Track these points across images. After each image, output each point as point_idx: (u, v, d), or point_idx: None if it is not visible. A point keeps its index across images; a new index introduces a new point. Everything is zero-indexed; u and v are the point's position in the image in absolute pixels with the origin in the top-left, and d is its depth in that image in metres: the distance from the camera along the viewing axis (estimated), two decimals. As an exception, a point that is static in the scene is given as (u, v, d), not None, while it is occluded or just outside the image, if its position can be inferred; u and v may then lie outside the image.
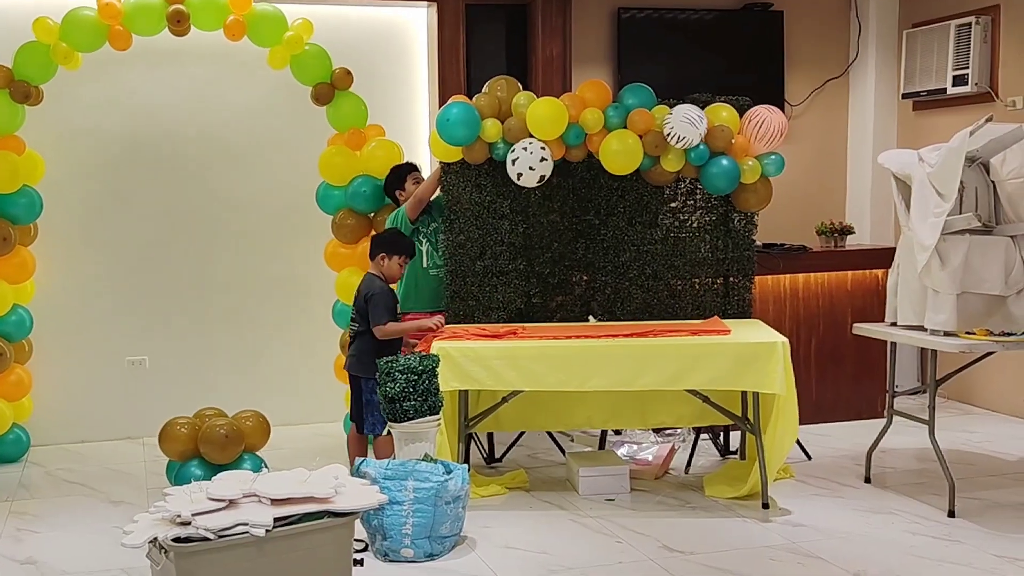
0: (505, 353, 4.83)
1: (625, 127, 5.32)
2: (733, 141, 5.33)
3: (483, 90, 5.44)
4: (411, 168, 5.72)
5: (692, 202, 5.72)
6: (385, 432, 4.98)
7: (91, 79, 6.08)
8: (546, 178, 5.30)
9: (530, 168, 5.22)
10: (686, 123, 5.17)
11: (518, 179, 5.27)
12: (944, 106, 7.00)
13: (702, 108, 5.49)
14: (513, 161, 5.24)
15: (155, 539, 3.47)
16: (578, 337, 4.96)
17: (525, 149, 5.22)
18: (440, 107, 6.28)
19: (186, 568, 3.43)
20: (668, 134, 5.22)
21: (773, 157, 5.46)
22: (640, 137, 5.28)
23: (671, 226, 5.72)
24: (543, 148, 5.23)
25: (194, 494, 3.64)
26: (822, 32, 7.48)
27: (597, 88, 5.40)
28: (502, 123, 5.31)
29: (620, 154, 5.28)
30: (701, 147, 5.29)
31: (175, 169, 6.37)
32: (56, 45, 5.51)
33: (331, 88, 5.84)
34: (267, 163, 6.48)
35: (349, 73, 5.85)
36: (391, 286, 5.23)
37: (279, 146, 6.48)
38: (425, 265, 5.49)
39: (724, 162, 5.34)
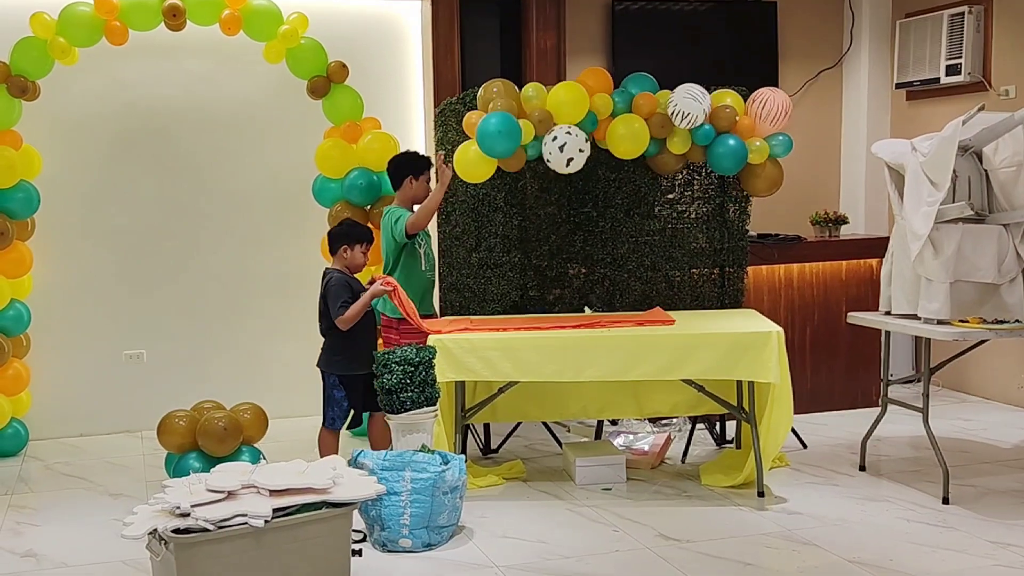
0: (501, 344, 4.85)
1: (630, 112, 5.27)
2: (738, 119, 5.32)
3: (480, 94, 5.24)
4: (430, 163, 5.46)
5: (689, 192, 5.75)
6: (344, 427, 5.03)
7: (88, 73, 6.09)
8: None
9: (580, 150, 5.07)
10: (689, 99, 5.15)
11: (567, 164, 5.08)
12: (937, 96, 7.02)
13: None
14: (561, 147, 5.04)
15: (155, 531, 3.50)
16: (527, 329, 4.95)
17: (569, 133, 5.04)
18: (436, 103, 6.31)
19: (185, 559, 3.46)
20: (672, 112, 5.20)
21: (781, 138, 5.41)
22: (646, 120, 5.25)
23: (668, 217, 5.75)
24: (581, 130, 5.13)
25: (193, 486, 3.67)
26: (815, 23, 7.51)
27: (598, 75, 5.36)
28: (527, 119, 5.15)
29: (626, 138, 5.23)
30: (706, 126, 5.26)
31: (172, 163, 6.38)
32: (53, 40, 5.52)
33: (327, 81, 5.85)
34: (264, 156, 6.49)
35: (345, 66, 5.87)
36: (356, 275, 5.14)
37: (275, 139, 6.49)
38: (423, 268, 5.41)
39: (731, 142, 5.30)
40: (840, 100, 7.62)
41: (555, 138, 5.06)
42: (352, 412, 5.12)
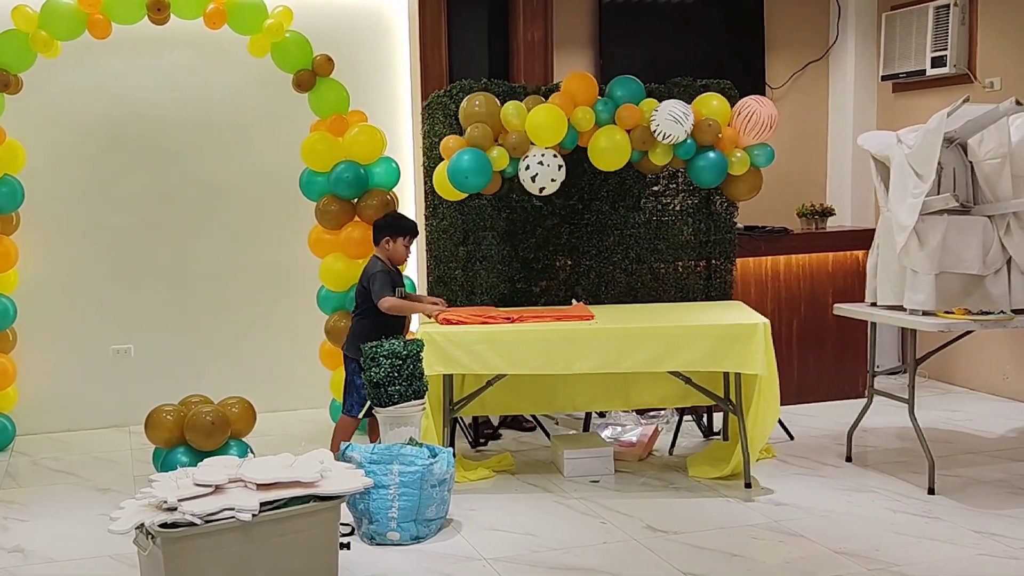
0: (489, 337, 4.86)
1: (613, 123, 5.26)
2: (720, 136, 5.31)
3: (463, 107, 5.20)
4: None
5: (674, 185, 5.76)
6: (361, 415, 5.01)
7: (71, 67, 6.06)
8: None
9: (552, 180, 5.16)
10: (671, 120, 5.13)
11: (540, 192, 5.19)
12: (923, 88, 7.05)
13: (684, 91, 5.53)
14: (533, 177, 5.13)
15: (142, 525, 3.50)
16: (465, 323, 4.95)
17: (541, 163, 5.12)
18: (423, 96, 6.30)
19: (173, 553, 3.45)
20: (654, 131, 5.21)
21: (763, 149, 5.42)
22: (628, 132, 5.26)
23: (654, 210, 5.77)
24: (555, 155, 5.17)
25: (180, 480, 3.66)
26: (802, 15, 7.52)
27: (583, 81, 5.30)
28: (502, 143, 5.18)
29: (608, 151, 5.24)
30: (688, 142, 5.27)
31: (157, 157, 6.36)
32: (35, 33, 5.50)
33: (312, 75, 5.84)
34: (250, 150, 6.47)
35: (330, 60, 5.85)
36: (399, 268, 5.24)
37: (261, 133, 6.47)
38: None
39: (711, 155, 5.30)
40: (826, 92, 7.64)
41: (527, 167, 5.13)
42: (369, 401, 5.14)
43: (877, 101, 7.47)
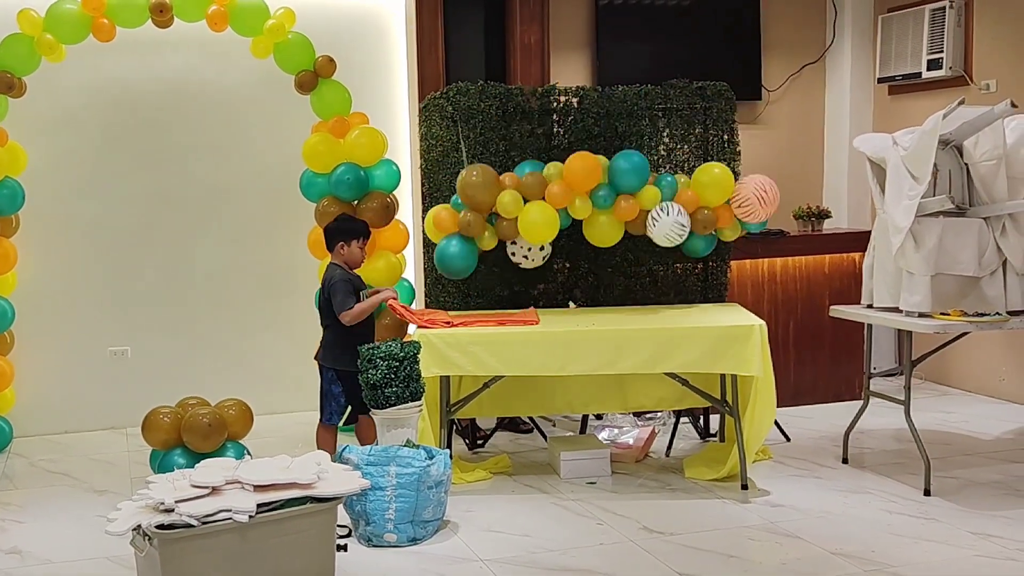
0: (485, 339, 4.87)
1: (611, 209, 5.23)
2: (715, 231, 5.38)
3: (460, 178, 5.14)
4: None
5: (671, 187, 5.77)
6: (341, 423, 5.01)
7: (74, 70, 6.07)
8: None
9: (532, 260, 5.34)
10: (670, 237, 5.21)
11: (518, 265, 5.38)
12: (919, 90, 7.06)
13: (680, 93, 5.55)
14: (512, 253, 5.34)
15: (139, 526, 3.50)
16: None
17: (526, 256, 5.31)
18: (420, 97, 6.31)
19: (170, 554, 3.46)
20: (651, 234, 5.24)
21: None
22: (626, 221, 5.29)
23: (651, 211, 5.76)
24: (541, 248, 5.29)
25: (177, 482, 3.67)
26: (798, 18, 7.53)
27: (585, 166, 5.14)
28: (494, 222, 5.25)
29: (602, 229, 5.29)
30: None
31: (158, 159, 6.37)
32: (40, 37, 5.51)
33: (314, 76, 5.85)
34: (251, 152, 6.49)
35: (332, 61, 5.87)
36: (356, 271, 5.21)
37: (263, 134, 6.48)
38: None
39: (703, 240, 5.42)
40: (823, 94, 7.65)
41: (513, 253, 5.33)
42: (349, 408, 5.14)
43: (873, 103, 7.49)
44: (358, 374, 4.81)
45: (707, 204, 5.31)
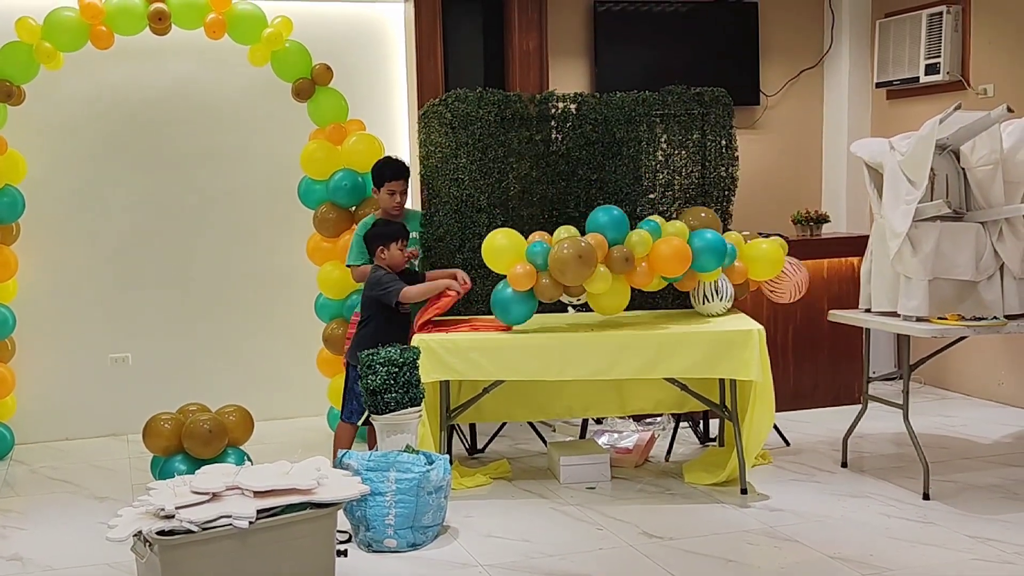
0: (484, 344, 4.88)
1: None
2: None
3: (562, 254, 4.80)
4: (393, 175, 5.33)
5: (670, 192, 5.77)
6: (360, 422, 5.02)
7: (73, 77, 6.10)
8: None
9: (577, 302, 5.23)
10: (713, 313, 5.26)
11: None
12: (917, 95, 7.08)
13: (679, 99, 5.58)
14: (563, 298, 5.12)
15: (139, 532, 3.52)
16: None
17: (573, 305, 5.31)
18: (419, 104, 6.32)
19: (170, 560, 3.47)
20: (699, 308, 5.30)
21: None
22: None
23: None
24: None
25: (177, 488, 3.68)
26: (796, 23, 7.55)
27: (677, 251, 4.96)
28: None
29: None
30: None
31: (157, 167, 6.39)
32: (39, 45, 5.53)
33: (311, 84, 5.87)
34: (249, 159, 6.51)
35: (329, 69, 5.89)
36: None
37: (260, 142, 6.50)
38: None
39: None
40: (821, 99, 7.67)
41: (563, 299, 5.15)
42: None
43: (871, 108, 7.51)
44: None
45: (754, 278, 5.39)
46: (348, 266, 5.45)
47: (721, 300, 5.20)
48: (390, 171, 5.33)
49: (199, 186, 6.45)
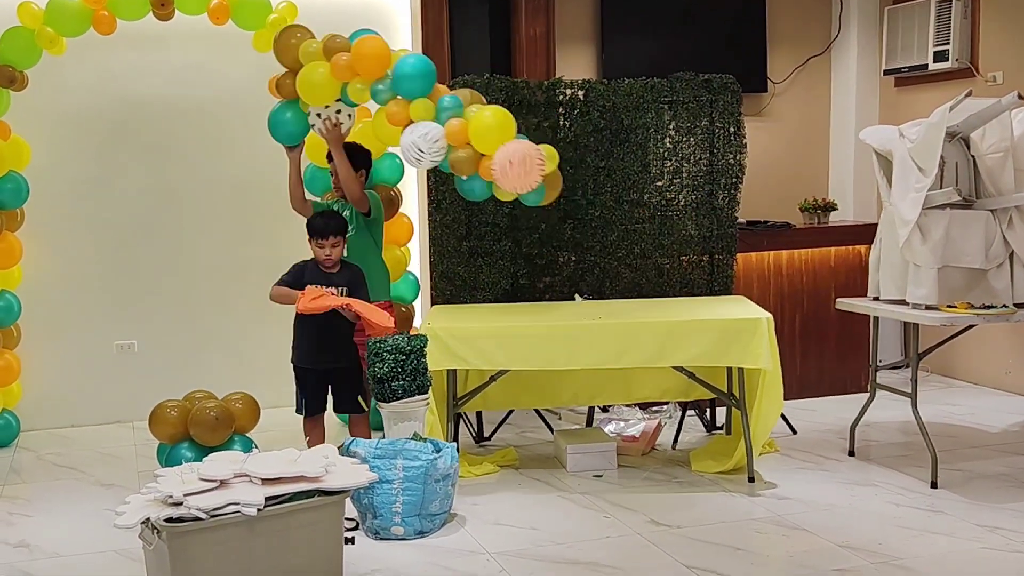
0: (492, 333, 4.87)
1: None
2: (487, 183, 4.87)
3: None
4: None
5: (678, 180, 5.77)
6: (305, 416, 5.00)
7: (76, 63, 6.07)
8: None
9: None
10: (407, 157, 4.87)
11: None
12: (925, 82, 7.05)
13: (686, 86, 5.55)
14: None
15: (147, 520, 3.51)
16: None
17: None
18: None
19: (178, 547, 3.47)
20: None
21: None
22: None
23: (658, 205, 5.77)
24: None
25: (185, 475, 3.67)
26: (804, 9, 7.52)
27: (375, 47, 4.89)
28: None
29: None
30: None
31: (161, 153, 6.37)
32: (41, 30, 5.50)
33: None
34: (253, 146, 6.46)
35: (334, 55, 5.85)
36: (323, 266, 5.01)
37: (265, 129, 6.45)
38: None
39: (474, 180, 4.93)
40: (829, 86, 7.64)
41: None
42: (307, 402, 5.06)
43: (879, 95, 7.47)
44: (305, 370, 4.96)
45: (476, 146, 4.76)
46: None
47: (412, 134, 4.76)
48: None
49: (204, 173, 6.43)
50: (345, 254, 5.03)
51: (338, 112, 5.25)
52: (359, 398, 4.99)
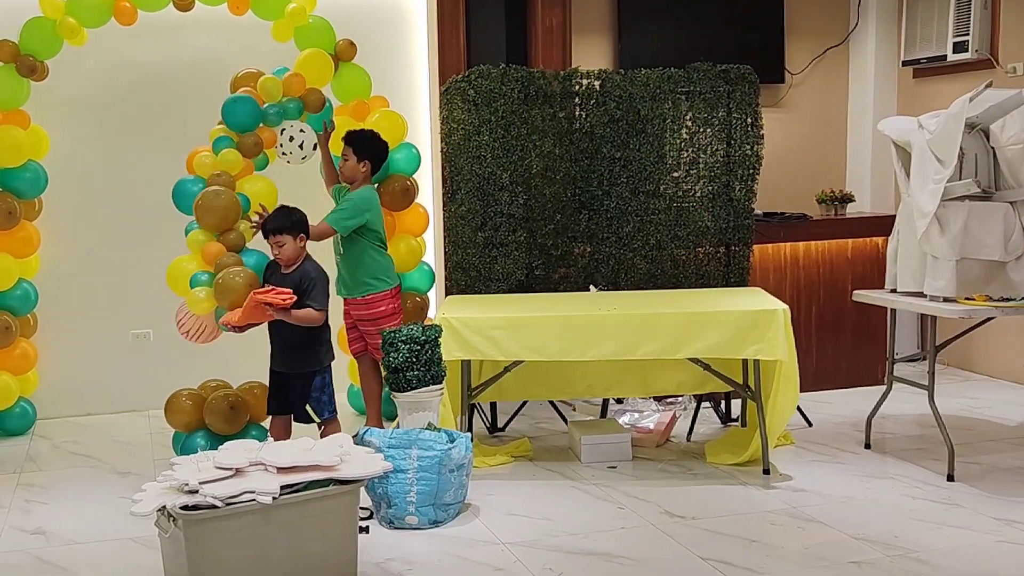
0: (507, 323, 4.86)
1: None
2: None
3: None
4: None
5: (695, 171, 5.75)
6: (270, 414, 4.97)
7: (96, 53, 6.07)
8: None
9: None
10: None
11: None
12: (944, 73, 7.00)
13: (704, 76, 5.52)
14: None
15: (163, 508, 3.52)
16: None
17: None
18: (441, 81, 6.29)
19: (194, 535, 3.48)
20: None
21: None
22: None
23: (674, 196, 5.75)
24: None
25: (201, 463, 3.68)
26: (822, 0, 7.47)
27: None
28: None
29: None
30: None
31: (179, 142, 6.34)
32: (62, 20, 5.52)
33: (335, 59, 5.84)
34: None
35: (353, 45, 5.84)
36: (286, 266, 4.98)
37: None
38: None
39: None
40: (847, 77, 7.60)
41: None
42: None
43: (898, 86, 7.43)
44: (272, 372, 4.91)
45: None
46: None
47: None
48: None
49: (220, 162, 6.43)
50: (342, 251, 5.12)
51: (291, 139, 5.38)
52: (308, 407, 4.86)
